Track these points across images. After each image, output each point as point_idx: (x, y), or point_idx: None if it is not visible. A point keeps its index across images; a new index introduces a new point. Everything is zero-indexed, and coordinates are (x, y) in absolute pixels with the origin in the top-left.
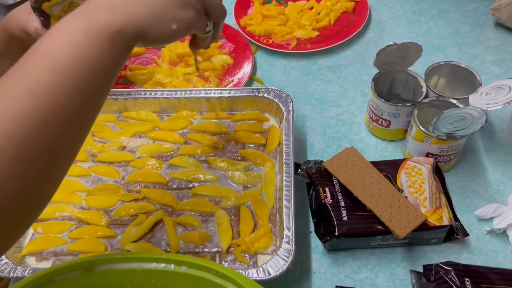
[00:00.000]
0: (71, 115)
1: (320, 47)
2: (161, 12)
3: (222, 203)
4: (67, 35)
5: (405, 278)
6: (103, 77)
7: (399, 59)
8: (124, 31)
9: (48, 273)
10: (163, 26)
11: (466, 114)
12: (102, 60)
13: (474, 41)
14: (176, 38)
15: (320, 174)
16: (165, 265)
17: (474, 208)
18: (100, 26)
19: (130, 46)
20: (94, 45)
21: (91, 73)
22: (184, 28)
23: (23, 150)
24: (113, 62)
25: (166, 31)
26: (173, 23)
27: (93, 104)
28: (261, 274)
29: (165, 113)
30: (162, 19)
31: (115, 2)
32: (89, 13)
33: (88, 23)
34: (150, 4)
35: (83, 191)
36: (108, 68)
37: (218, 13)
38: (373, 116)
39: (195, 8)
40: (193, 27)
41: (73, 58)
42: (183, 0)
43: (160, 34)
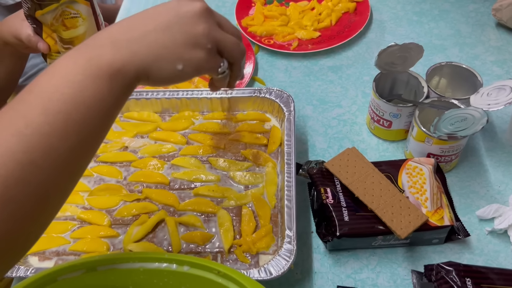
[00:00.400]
0: (63, 158)
1: (321, 48)
2: (166, 52)
3: (223, 203)
4: (64, 73)
5: (406, 278)
6: (100, 119)
7: (400, 60)
8: (125, 70)
9: (51, 272)
10: (167, 66)
11: (467, 114)
12: (99, 101)
13: (475, 42)
14: (183, 79)
15: (322, 174)
16: (167, 265)
17: (475, 208)
18: (100, 64)
19: (131, 86)
20: (91, 85)
21: (87, 115)
22: (191, 70)
23: (8, 193)
24: (111, 103)
25: (171, 71)
26: (178, 63)
27: (88, 145)
28: (262, 274)
29: (167, 113)
30: (167, 60)
31: (118, 40)
32: (90, 50)
33: (88, 60)
34: (155, 43)
35: (86, 191)
36: (105, 109)
37: (233, 53)
38: (374, 116)
39: (205, 48)
40: (203, 69)
41: (68, 98)
42: (192, 39)
43: (164, 74)
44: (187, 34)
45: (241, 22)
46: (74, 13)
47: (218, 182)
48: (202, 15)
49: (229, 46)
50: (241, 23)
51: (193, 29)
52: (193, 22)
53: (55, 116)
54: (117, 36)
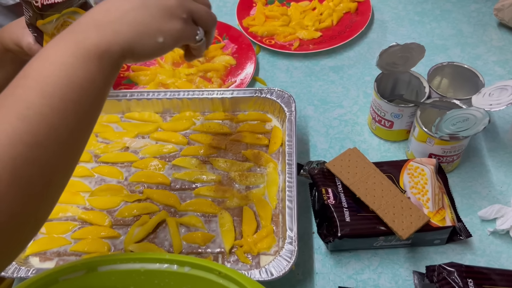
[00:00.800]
0: (64, 136)
1: (322, 48)
2: (146, 28)
3: (225, 204)
4: (56, 57)
5: (408, 279)
6: (94, 97)
7: (402, 60)
8: (111, 50)
9: (52, 273)
10: (149, 41)
11: (469, 114)
12: (91, 80)
13: (477, 42)
14: (165, 51)
15: (323, 174)
16: (168, 265)
17: (477, 209)
18: (87, 46)
19: (118, 65)
20: (82, 66)
21: (81, 94)
22: (171, 40)
23: (18, 173)
24: (102, 81)
25: (153, 45)
26: (159, 36)
27: (85, 123)
28: (263, 274)
29: (168, 113)
30: (148, 34)
31: (101, 22)
32: (76, 34)
33: (75, 44)
34: (134, 20)
35: (87, 192)
36: (98, 87)
37: (207, 20)
38: (376, 116)
39: (181, 19)
40: (182, 38)
41: (63, 80)
42: (167, 12)
43: (147, 49)
44: (162, 8)
45: (242, 22)
46: None
47: (219, 182)
48: None
49: (203, 14)
50: (242, 23)
51: (167, 2)
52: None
53: (53, 98)
54: (98, 19)
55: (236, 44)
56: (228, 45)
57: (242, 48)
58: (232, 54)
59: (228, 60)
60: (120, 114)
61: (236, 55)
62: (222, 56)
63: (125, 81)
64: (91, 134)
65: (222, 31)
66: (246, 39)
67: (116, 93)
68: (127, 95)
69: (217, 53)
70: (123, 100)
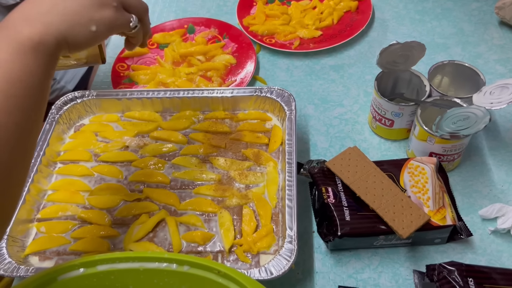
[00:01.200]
0: (13, 131)
1: (323, 47)
2: (77, 17)
3: (224, 203)
4: None
5: (408, 278)
6: (35, 89)
7: (402, 58)
8: (45, 41)
9: (51, 272)
10: (82, 30)
11: (469, 113)
12: (30, 73)
13: (478, 40)
14: (99, 39)
15: (323, 173)
16: (167, 264)
17: (478, 208)
18: (20, 40)
19: (55, 55)
20: (18, 60)
21: (22, 88)
22: (104, 28)
23: None
24: (41, 73)
25: (87, 34)
26: (91, 25)
27: (32, 116)
28: (263, 274)
29: (168, 112)
30: (80, 24)
31: (30, 15)
32: (8, 30)
33: (7, 40)
34: (64, 11)
35: (86, 191)
36: (37, 80)
37: (138, 7)
38: (376, 115)
39: (112, 7)
40: (115, 26)
41: (1, 77)
42: (98, 1)
43: (81, 38)
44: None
45: (243, 21)
46: None
47: (218, 181)
48: None
49: (133, 2)
50: (242, 22)
51: None
52: None
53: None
54: (28, 13)
55: (236, 43)
56: (228, 44)
57: (242, 47)
58: (232, 53)
59: (228, 59)
60: (120, 113)
61: (236, 54)
62: (222, 55)
63: (125, 80)
64: (41, 126)
65: (222, 30)
66: (246, 38)
67: (116, 92)
68: (127, 94)
69: (217, 52)
70: (123, 99)
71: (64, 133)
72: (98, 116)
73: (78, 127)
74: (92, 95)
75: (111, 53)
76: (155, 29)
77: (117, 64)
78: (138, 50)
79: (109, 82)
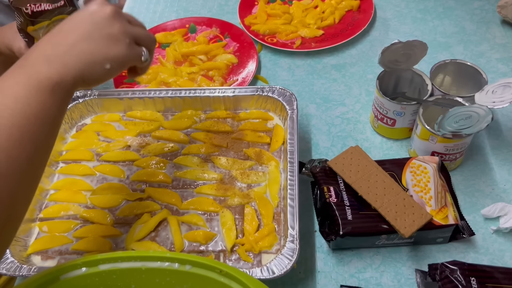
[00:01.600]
0: (24, 166)
1: (324, 46)
2: (93, 57)
3: (226, 202)
4: (10, 91)
5: (410, 278)
6: (49, 125)
7: (404, 57)
8: (63, 81)
9: (53, 271)
10: (98, 68)
11: (472, 112)
12: (46, 110)
13: (480, 39)
14: (112, 75)
15: (325, 173)
16: (169, 264)
17: (480, 207)
18: (40, 80)
19: (70, 93)
20: (36, 98)
21: (38, 124)
22: (118, 65)
23: None
24: (56, 110)
25: (102, 71)
26: (106, 63)
27: (43, 150)
28: (265, 273)
29: (169, 112)
30: (96, 63)
31: (50, 56)
32: (27, 69)
33: (27, 78)
34: (82, 51)
35: (88, 190)
36: (52, 116)
37: (148, 42)
38: (378, 114)
39: (124, 43)
40: (128, 62)
41: (18, 113)
42: (111, 39)
43: (96, 75)
44: (107, 36)
45: (244, 20)
46: None
47: (220, 181)
48: (114, 16)
49: (143, 37)
50: (244, 22)
51: (110, 30)
52: (108, 25)
53: (10, 130)
54: (48, 53)
55: (238, 42)
56: (230, 44)
57: (244, 47)
58: (234, 52)
59: (230, 59)
60: (121, 113)
61: (238, 54)
62: (224, 54)
63: (127, 80)
64: (48, 159)
65: (224, 30)
66: (248, 38)
67: (117, 91)
68: (129, 93)
69: (219, 51)
70: (125, 98)
71: (66, 132)
72: (100, 116)
73: (80, 127)
74: (94, 94)
75: None
76: (156, 29)
77: None
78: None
79: (111, 81)
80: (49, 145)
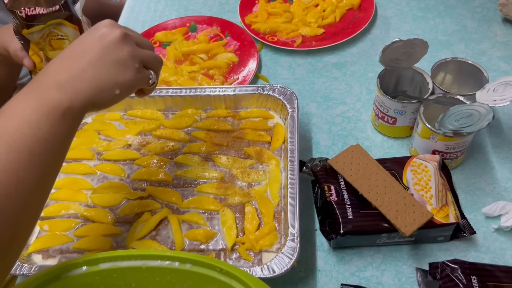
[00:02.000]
0: (31, 187)
1: (325, 45)
2: (104, 83)
3: (227, 201)
4: (21, 115)
5: (411, 276)
6: (59, 149)
7: (405, 56)
8: (73, 107)
9: (54, 270)
10: (108, 93)
11: (473, 110)
12: (56, 135)
13: (482, 37)
14: (121, 99)
15: (325, 171)
16: (169, 262)
17: (481, 205)
18: (51, 105)
19: (80, 117)
20: (47, 122)
21: (47, 148)
22: (127, 90)
23: None
24: (66, 135)
25: (111, 96)
26: (116, 89)
27: (51, 173)
28: (265, 271)
29: (170, 111)
30: (106, 88)
31: (61, 81)
32: (39, 93)
33: (39, 102)
34: (93, 77)
35: (89, 189)
36: (61, 140)
37: (155, 65)
38: (379, 113)
39: (134, 68)
40: (136, 86)
41: (29, 136)
42: (121, 65)
43: (106, 101)
44: (117, 62)
45: (245, 19)
46: (61, 35)
47: (221, 179)
48: (123, 40)
49: (151, 60)
50: (244, 20)
51: (120, 56)
52: (118, 49)
53: (20, 153)
54: (58, 78)
55: (239, 41)
56: (230, 43)
57: (244, 45)
58: (234, 51)
59: (230, 58)
60: (122, 112)
61: (238, 52)
62: (224, 53)
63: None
64: (55, 180)
65: (224, 29)
66: (248, 36)
67: None
68: None
69: (219, 50)
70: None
71: None
72: (100, 115)
73: (80, 126)
74: None
75: None
76: (157, 28)
77: None
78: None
79: None
80: (57, 167)
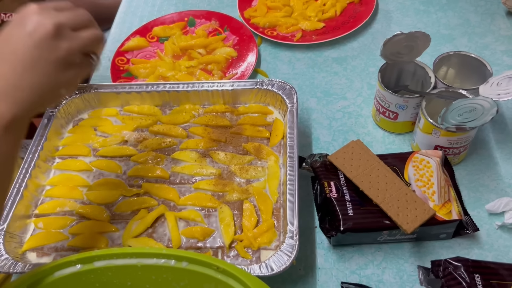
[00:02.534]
0: None
1: (325, 39)
2: (46, 87)
3: (224, 198)
4: None
5: (413, 274)
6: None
7: (406, 49)
8: (17, 118)
9: (48, 268)
10: (52, 96)
11: (476, 104)
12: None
13: (485, 31)
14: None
15: (325, 167)
16: (165, 260)
17: (485, 202)
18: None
19: (25, 125)
20: None
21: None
22: (72, 86)
23: None
24: (11, 147)
25: (56, 96)
26: (60, 88)
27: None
28: (264, 269)
29: (167, 106)
30: (49, 91)
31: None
32: None
33: None
34: (32, 83)
35: (85, 186)
36: (7, 153)
37: (96, 47)
38: (380, 108)
39: (75, 64)
40: (81, 77)
41: None
42: (61, 64)
43: (52, 101)
44: (54, 61)
45: (244, 13)
46: None
47: (219, 176)
48: (57, 35)
49: (91, 43)
50: (243, 15)
51: (57, 55)
52: (54, 48)
53: None
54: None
55: (238, 35)
56: (229, 37)
57: (243, 40)
58: (233, 46)
59: (229, 52)
60: (119, 108)
61: (237, 47)
62: (223, 48)
63: (125, 74)
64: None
65: (223, 23)
66: (247, 31)
67: (114, 86)
68: (126, 88)
69: (218, 45)
70: (122, 93)
71: (63, 127)
72: (97, 111)
73: (76, 122)
74: (91, 89)
75: (111, 46)
76: (155, 22)
77: (117, 58)
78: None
79: (108, 76)
80: (7, 180)
